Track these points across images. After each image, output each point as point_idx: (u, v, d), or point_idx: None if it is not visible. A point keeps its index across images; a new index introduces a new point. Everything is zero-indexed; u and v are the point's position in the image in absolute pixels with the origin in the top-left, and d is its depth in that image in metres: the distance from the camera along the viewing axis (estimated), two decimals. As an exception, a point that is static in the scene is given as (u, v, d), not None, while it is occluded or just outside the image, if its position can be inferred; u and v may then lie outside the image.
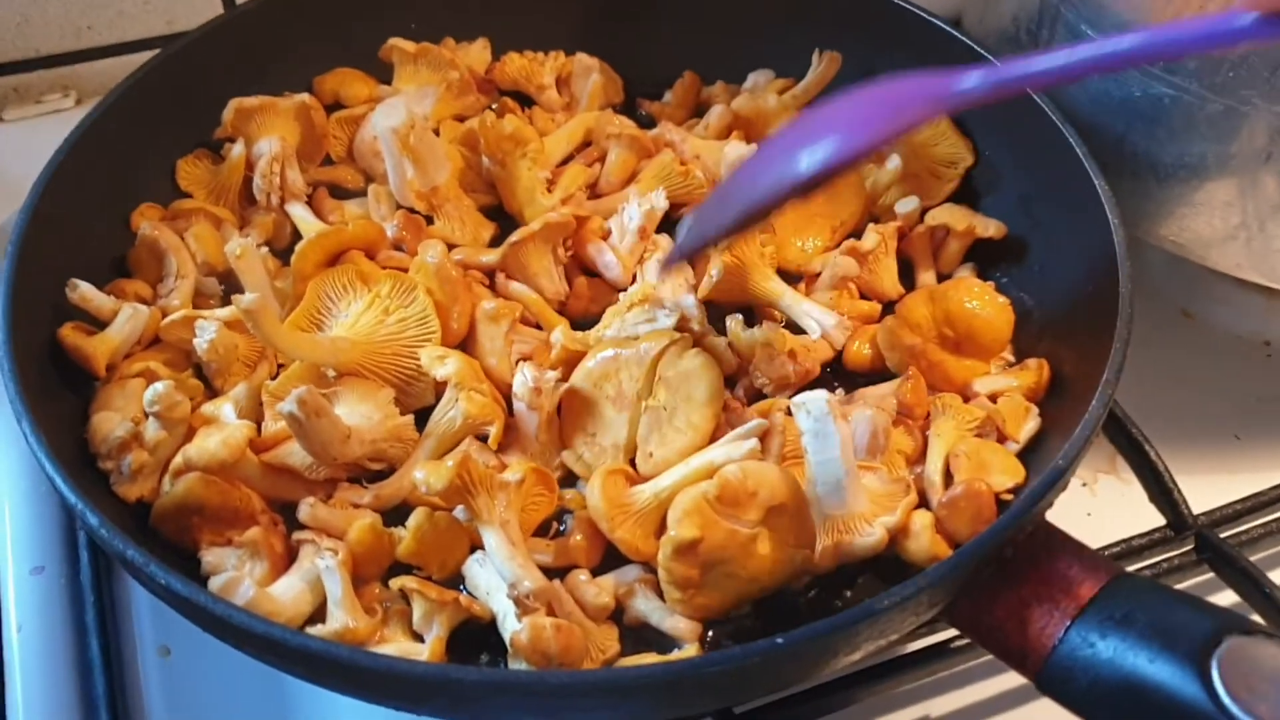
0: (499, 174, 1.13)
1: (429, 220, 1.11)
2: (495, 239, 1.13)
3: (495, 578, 0.85)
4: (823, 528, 0.89)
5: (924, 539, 0.89)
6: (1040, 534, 0.80)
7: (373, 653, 0.73)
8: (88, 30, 1.38)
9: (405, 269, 1.03)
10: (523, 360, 0.99)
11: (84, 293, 0.97)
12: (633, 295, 1.04)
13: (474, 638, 0.86)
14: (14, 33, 1.34)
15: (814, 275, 1.10)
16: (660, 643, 0.87)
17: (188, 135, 1.15)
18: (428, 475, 0.84)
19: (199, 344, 0.95)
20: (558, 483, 0.94)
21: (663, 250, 1.09)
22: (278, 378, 0.96)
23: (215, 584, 0.82)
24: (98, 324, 0.99)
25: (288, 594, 0.84)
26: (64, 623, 0.94)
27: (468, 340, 1.02)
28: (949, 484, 0.93)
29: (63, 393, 0.94)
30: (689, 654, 0.83)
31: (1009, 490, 0.91)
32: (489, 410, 0.93)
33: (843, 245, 1.09)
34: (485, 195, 1.17)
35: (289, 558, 0.88)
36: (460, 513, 0.87)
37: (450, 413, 0.94)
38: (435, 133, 1.15)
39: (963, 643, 0.91)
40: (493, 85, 1.27)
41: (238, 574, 0.84)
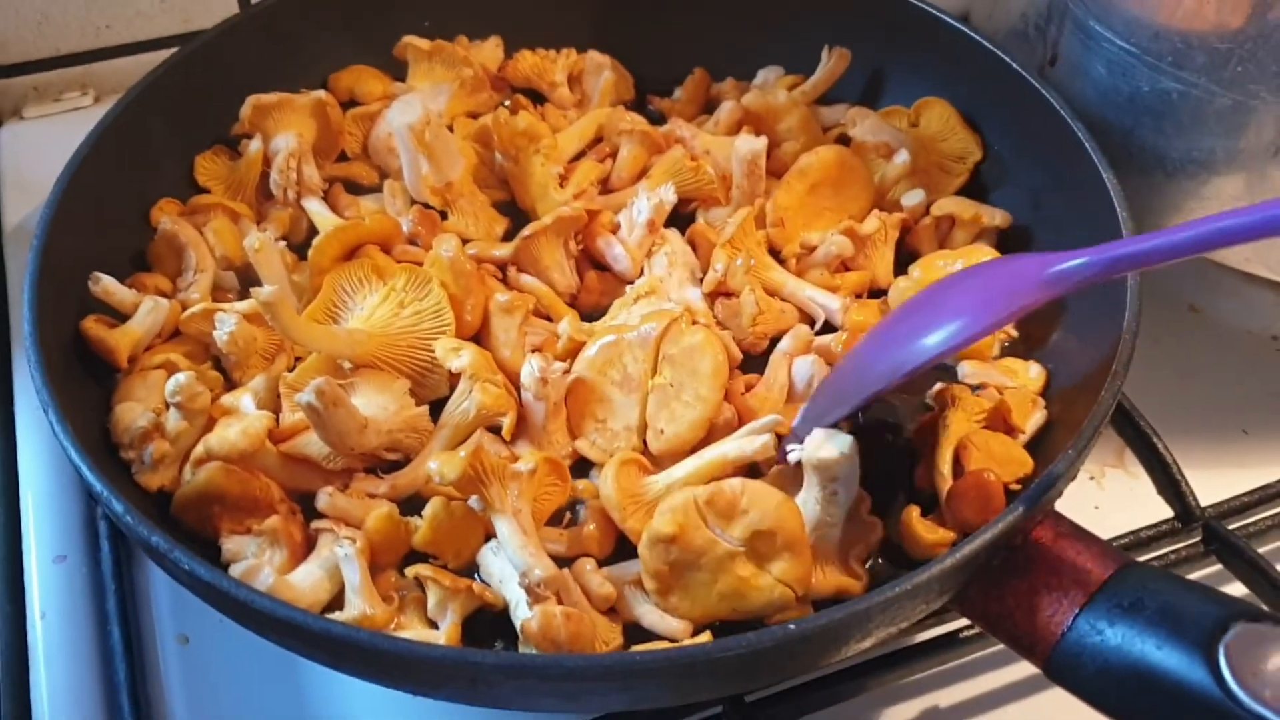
0: (512, 170, 1.14)
1: (443, 215, 1.12)
2: (508, 234, 1.15)
3: (508, 566, 0.86)
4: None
5: (915, 530, 0.91)
6: (1049, 523, 0.80)
7: (393, 637, 0.74)
8: (106, 29, 1.39)
9: (420, 263, 1.04)
10: (530, 352, 1.00)
11: (106, 286, 0.99)
12: (640, 288, 1.06)
13: (487, 625, 0.87)
14: (34, 32, 1.36)
15: (807, 251, 1.11)
16: (657, 640, 0.87)
17: (205, 131, 1.16)
18: (441, 466, 0.85)
19: (218, 336, 0.96)
20: (570, 472, 0.95)
21: (670, 244, 1.09)
22: (295, 370, 0.97)
23: (236, 571, 0.84)
24: (119, 317, 1.00)
25: (306, 581, 0.86)
26: (86, 610, 0.95)
27: (481, 332, 1.03)
28: (958, 474, 0.94)
29: (85, 384, 0.96)
30: (704, 639, 0.84)
31: (1017, 481, 0.92)
32: (503, 402, 0.94)
33: (841, 224, 1.10)
34: (498, 191, 1.18)
35: (307, 546, 0.90)
36: (474, 502, 0.88)
37: (464, 404, 0.95)
38: (449, 129, 1.16)
39: (971, 633, 0.92)
40: (505, 83, 1.28)
41: (257, 561, 0.85)
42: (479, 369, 0.95)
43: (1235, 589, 0.97)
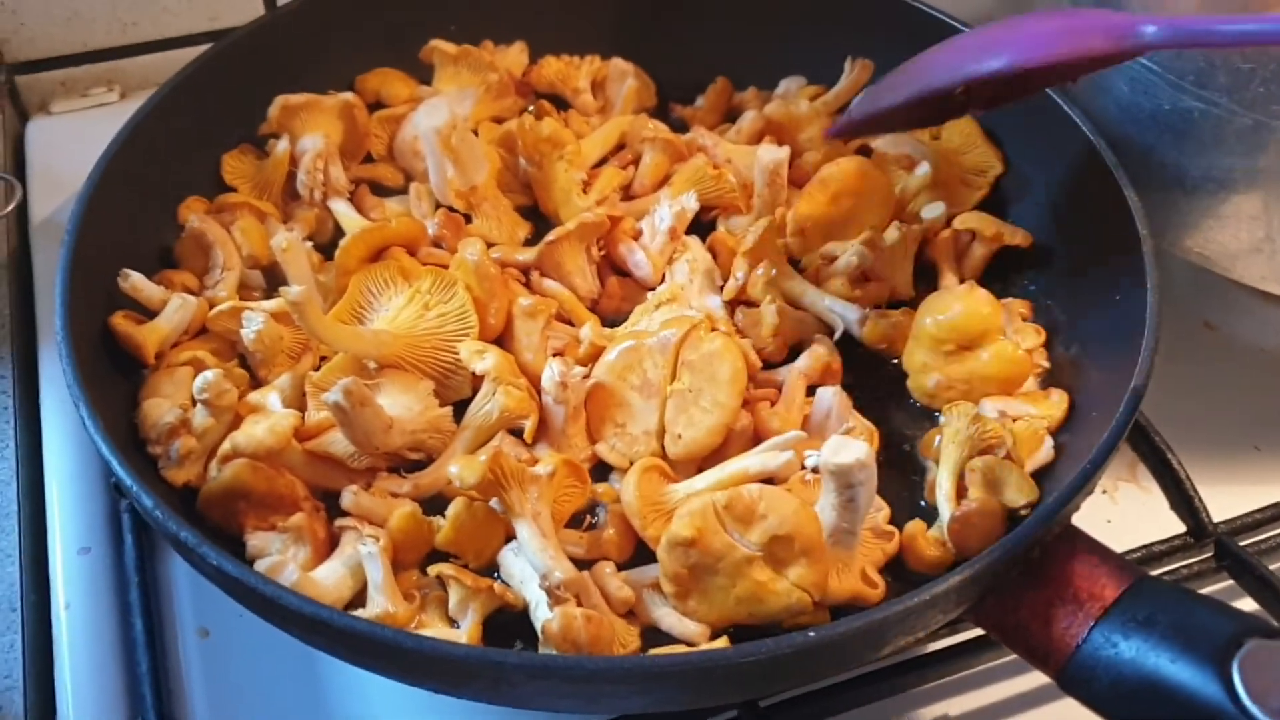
0: (536, 175, 1.16)
1: (467, 219, 1.14)
2: (531, 238, 1.16)
3: (528, 568, 0.87)
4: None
5: (918, 548, 0.92)
6: (1066, 537, 0.81)
7: (419, 635, 0.75)
8: (133, 26, 1.40)
9: (445, 265, 1.05)
10: (551, 355, 1.01)
11: (135, 282, 1.00)
12: (660, 295, 1.07)
13: (507, 625, 0.88)
14: (62, 28, 1.37)
15: (827, 261, 1.11)
16: (673, 643, 0.88)
17: (233, 131, 1.18)
18: (461, 470, 0.86)
19: (246, 334, 0.97)
20: (590, 475, 0.96)
21: (691, 251, 1.11)
22: (321, 369, 0.98)
23: (261, 567, 0.84)
24: (147, 313, 1.01)
25: (330, 578, 0.87)
26: (109, 602, 0.96)
27: (504, 335, 1.04)
28: (962, 496, 0.95)
29: (113, 379, 0.97)
30: (721, 644, 0.85)
31: (1024, 506, 0.93)
32: (525, 405, 0.95)
33: (862, 235, 1.10)
34: (521, 195, 1.19)
35: (330, 544, 0.91)
36: (495, 504, 0.89)
37: (487, 406, 0.96)
38: (474, 133, 1.17)
39: (984, 643, 0.93)
40: (530, 88, 1.29)
41: (282, 558, 0.86)
42: (503, 372, 0.96)
43: (1246, 604, 0.97)
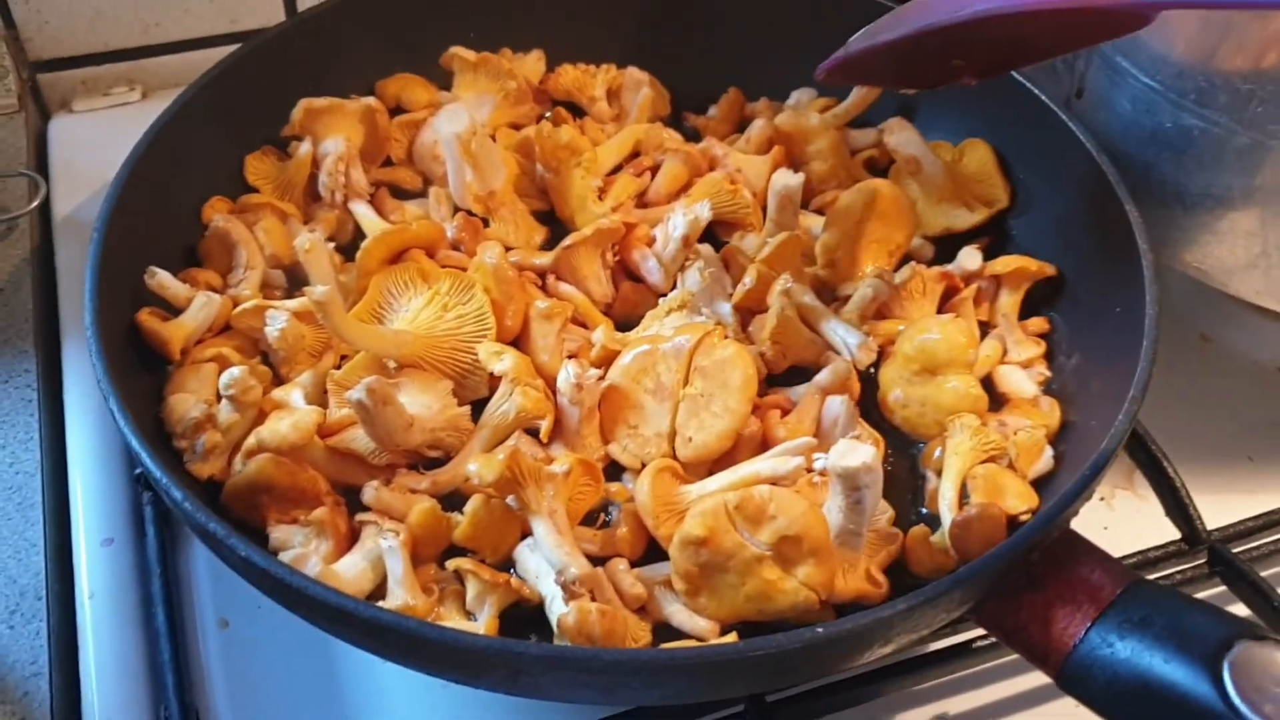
0: (553, 181, 1.18)
1: (485, 223, 1.16)
2: (547, 242, 1.18)
3: (544, 563, 0.90)
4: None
5: (921, 552, 0.95)
6: (1065, 540, 0.84)
7: (440, 626, 0.77)
8: (155, 27, 1.43)
9: (463, 268, 1.07)
10: (567, 358, 1.04)
11: (161, 280, 1.02)
12: (672, 300, 1.09)
13: (523, 619, 0.90)
14: (85, 28, 1.40)
15: (845, 297, 1.13)
16: (683, 638, 0.90)
17: (256, 133, 1.20)
18: (480, 468, 0.89)
19: (270, 332, 0.99)
20: (603, 474, 0.99)
21: (704, 259, 1.13)
22: (343, 367, 1.01)
23: (285, 559, 0.87)
24: (172, 310, 1.04)
25: (351, 571, 0.89)
26: (132, 592, 0.98)
27: (521, 337, 1.06)
28: (964, 502, 0.97)
29: (139, 374, 0.99)
30: (731, 639, 0.87)
31: (1024, 513, 0.95)
32: (542, 405, 0.98)
33: (872, 269, 1.12)
34: (538, 201, 1.22)
35: (351, 538, 0.93)
36: (512, 501, 0.92)
37: (504, 406, 0.98)
38: (492, 139, 1.20)
39: (984, 643, 0.96)
40: (547, 95, 1.32)
41: (304, 550, 0.89)
42: (520, 373, 0.98)
43: (1238, 610, 1.00)
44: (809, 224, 1.17)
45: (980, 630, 0.95)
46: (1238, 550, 1.03)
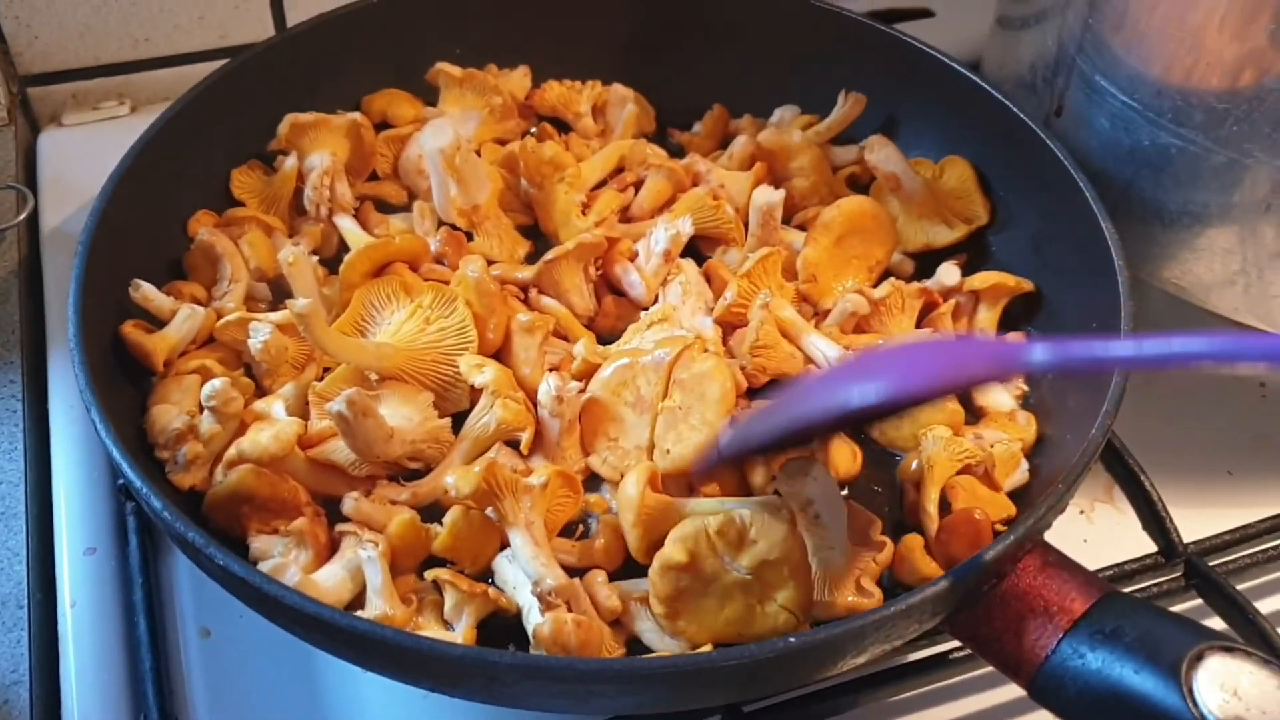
0: (537, 196, 1.19)
1: (469, 236, 1.17)
2: (530, 256, 1.19)
3: (521, 574, 0.90)
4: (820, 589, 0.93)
5: (913, 561, 0.95)
6: (1038, 553, 0.85)
7: (417, 635, 0.78)
8: (145, 42, 1.44)
9: (446, 281, 1.08)
10: (548, 370, 1.05)
11: (145, 292, 1.03)
12: (653, 314, 1.10)
13: (500, 629, 0.91)
14: (76, 42, 1.41)
15: (826, 312, 1.14)
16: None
17: (242, 147, 1.21)
18: (457, 481, 0.90)
19: (253, 344, 1.00)
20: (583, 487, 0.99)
21: (685, 274, 1.14)
22: (324, 379, 1.02)
23: (264, 569, 0.87)
24: (156, 323, 1.04)
25: (330, 581, 0.90)
26: (113, 601, 0.98)
27: (502, 350, 1.07)
28: (944, 513, 0.98)
29: (122, 385, 1.00)
30: (706, 649, 0.88)
31: (1002, 522, 0.96)
32: (522, 417, 0.99)
33: (850, 285, 1.13)
34: (522, 215, 1.23)
35: (331, 548, 0.94)
36: (490, 513, 0.92)
37: (485, 418, 0.99)
38: (477, 154, 1.21)
39: (960, 654, 0.96)
40: (532, 111, 1.33)
41: (284, 560, 0.90)
42: (501, 385, 0.99)
43: (1214, 623, 1.01)
44: (790, 239, 1.18)
45: (957, 642, 0.96)
46: (1214, 563, 1.04)
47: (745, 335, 1.06)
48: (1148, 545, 1.06)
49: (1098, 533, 1.12)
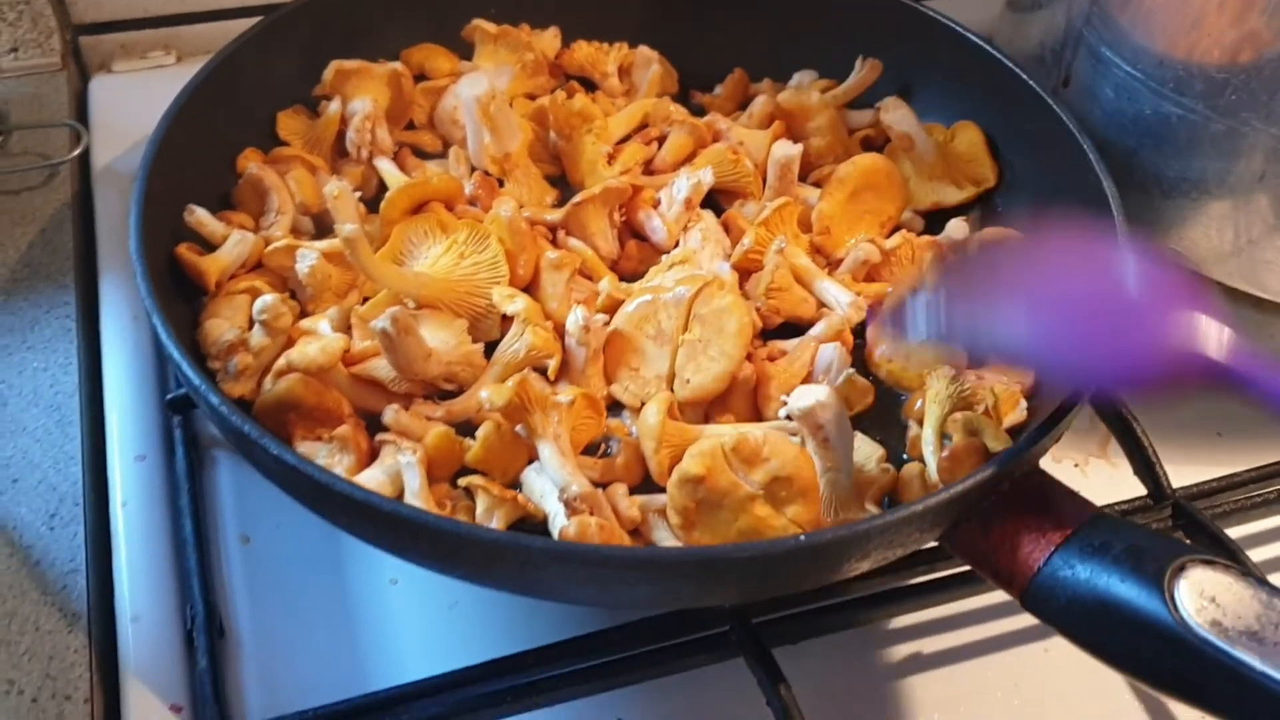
0: (565, 147, 1.25)
1: (500, 183, 1.23)
2: (557, 204, 1.24)
3: (548, 484, 0.96)
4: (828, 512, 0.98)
5: (915, 486, 1.01)
6: (1035, 475, 0.90)
7: (455, 520, 0.83)
8: (192, -4, 1.50)
9: (479, 221, 1.14)
10: (576, 304, 1.10)
11: (200, 217, 1.09)
12: (674, 257, 1.15)
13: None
14: (127, -6, 1.47)
15: (838, 262, 1.20)
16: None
17: (287, 92, 1.27)
18: (491, 394, 0.95)
19: (300, 269, 1.06)
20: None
21: (705, 221, 1.20)
22: (366, 305, 1.07)
23: (309, 468, 0.93)
24: (208, 247, 1.10)
25: (370, 483, 0.95)
26: (161, 504, 1.04)
27: (531, 286, 1.12)
28: (944, 446, 1.03)
29: (176, 305, 1.05)
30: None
31: (998, 453, 1.01)
32: (550, 344, 1.04)
33: (864, 235, 1.19)
34: (550, 166, 1.28)
35: (371, 456, 0.99)
36: (520, 429, 0.98)
37: (515, 345, 1.05)
38: (510, 106, 1.27)
39: (959, 579, 1.02)
40: (561, 70, 1.38)
41: (328, 462, 0.95)
42: (531, 314, 1.05)
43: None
44: (806, 195, 1.24)
45: (956, 568, 1.02)
46: (1201, 506, 1.09)
47: (761, 278, 1.12)
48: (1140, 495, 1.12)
49: (1092, 485, 1.17)
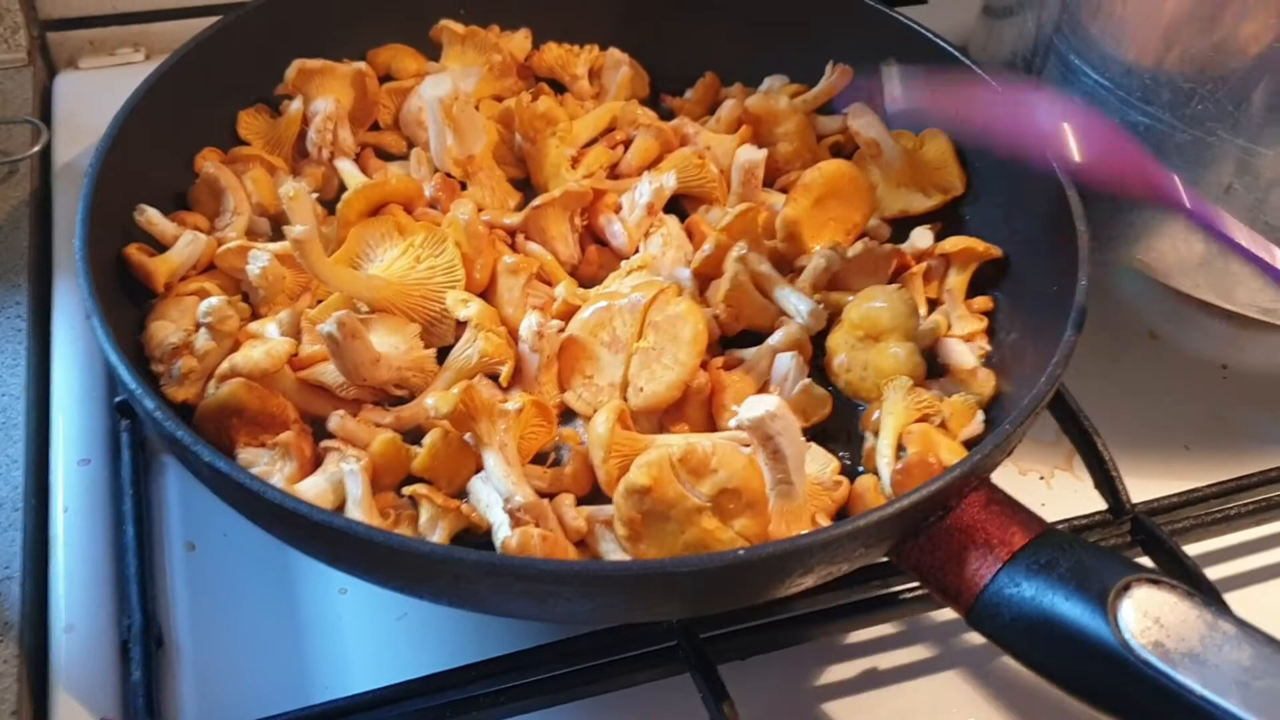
0: (529, 150, 1.24)
1: (463, 185, 1.21)
2: (520, 208, 1.22)
3: (494, 493, 0.95)
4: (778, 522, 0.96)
5: (868, 499, 0.99)
6: (984, 490, 0.89)
7: (388, 531, 0.82)
8: (160, -8, 1.49)
9: (438, 224, 1.12)
10: (532, 309, 1.09)
11: (150, 217, 1.08)
12: (633, 262, 1.14)
13: (472, 545, 0.95)
14: (95, -10, 1.46)
15: (801, 269, 1.18)
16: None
17: (249, 90, 1.25)
18: (436, 401, 0.94)
19: (251, 270, 1.04)
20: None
21: (667, 227, 1.18)
22: (317, 308, 1.06)
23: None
24: (159, 248, 1.09)
25: (311, 491, 0.94)
26: (104, 509, 1.03)
27: (488, 291, 1.11)
28: (900, 457, 1.02)
29: (123, 304, 1.04)
30: (661, 562, 0.92)
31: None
32: (503, 350, 1.03)
33: (827, 242, 1.18)
34: (515, 169, 1.27)
35: (315, 463, 0.98)
36: (468, 438, 0.97)
37: (468, 350, 1.04)
38: (475, 108, 1.25)
39: (911, 595, 1.01)
40: (530, 72, 1.37)
41: (269, 469, 0.94)
42: (484, 319, 1.04)
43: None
44: (772, 202, 1.22)
45: (909, 583, 1.00)
46: (1160, 522, 1.07)
47: (720, 284, 1.10)
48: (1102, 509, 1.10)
49: (1055, 497, 1.17)
